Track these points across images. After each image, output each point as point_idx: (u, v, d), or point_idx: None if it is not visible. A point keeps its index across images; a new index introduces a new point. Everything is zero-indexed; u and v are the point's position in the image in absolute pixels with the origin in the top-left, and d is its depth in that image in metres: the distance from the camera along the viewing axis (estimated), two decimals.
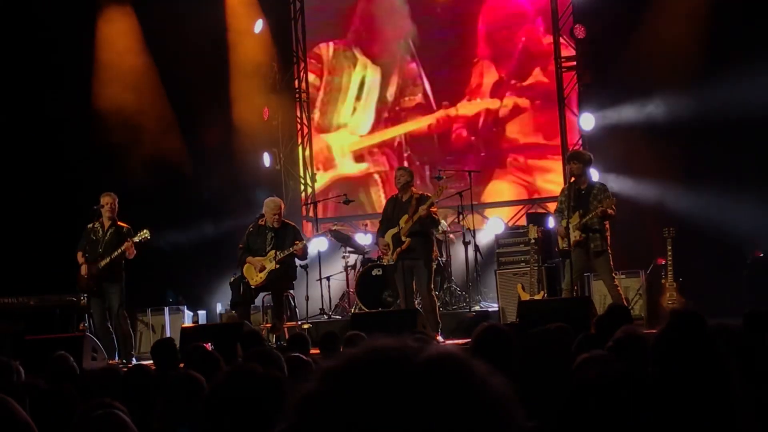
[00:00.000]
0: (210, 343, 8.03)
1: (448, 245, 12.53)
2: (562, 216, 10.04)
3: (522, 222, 13.08)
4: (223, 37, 14.44)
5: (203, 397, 2.83)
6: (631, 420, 2.66)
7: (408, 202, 10.52)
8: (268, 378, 2.61)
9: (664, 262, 10.82)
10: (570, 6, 13.39)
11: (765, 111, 11.58)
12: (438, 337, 9.97)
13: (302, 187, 15.04)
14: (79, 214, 10.99)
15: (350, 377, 1.08)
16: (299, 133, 15.08)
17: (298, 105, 15.10)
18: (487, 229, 13.12)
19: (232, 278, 11.39)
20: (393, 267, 10.61)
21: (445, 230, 12.21)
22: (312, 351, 7.36)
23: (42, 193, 12.89)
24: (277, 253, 10.63)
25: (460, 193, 12.18)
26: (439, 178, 12.90)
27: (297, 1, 15.18)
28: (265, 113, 14.73)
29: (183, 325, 11.17)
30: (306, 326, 11.34)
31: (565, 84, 13.47)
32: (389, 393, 1.05)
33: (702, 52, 11.79)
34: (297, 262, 11.06)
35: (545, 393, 3.18)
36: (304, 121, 15.11)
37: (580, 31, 12.77)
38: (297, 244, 10.65)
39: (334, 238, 13.30)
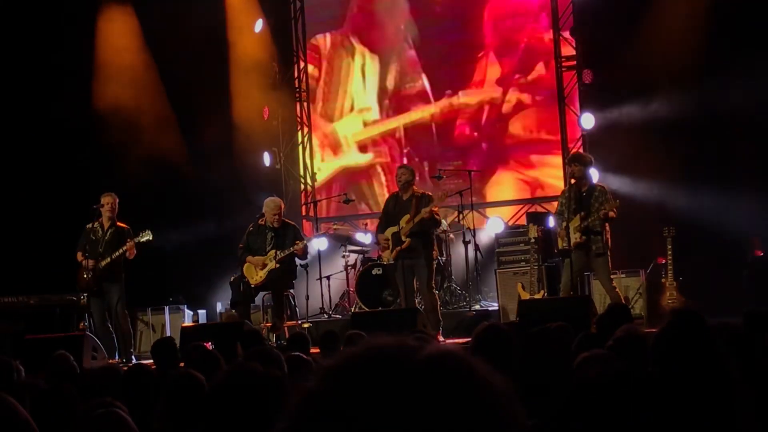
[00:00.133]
0: (210, 343, 8.04)
1: (449, 244, 12.52)
2: (563, 218, 10.04)
3: (522, 221, 13.07)
4: (223, 36, 14.43)
5: (203, 397, 2.83)
6: (632, 419, 2.66)
7: (409, 201, 10.50)
8: (269, 377, 2.61)
9: (664, 261, 10.82)
10: (570, 5, 13.38)
11: (765, 110, 11.59)
12: (438, 337, 9.96)
13: (302, 186, 15.03)
14: (80, 214, 10.99)
15: (350, 376, 1.08)
16: (299, 132, 15.07)
17: (298, 104, 15.09)
18: (488, 229, 13.11)
19: (233, 277, 11.39)
20: (393, 266, 10.60)
21: (445, 229, 12.19)
22: (312, 350, 7.36)
23: (42, 193, 12.89)
24: (278, 252, 10.63)
25: (460, 193, 12.17)
26: (439, 178, 12.89)
27: (297, 0, 15.17)
28: (266, 113, 14.72)
29: (183, 325, 11.16)
30: (306, 325, 11.34)
31: (566, 83, 13.47)
32: (389, 391, 1.05)
33: (702, 52, 11.78)
34: (297, 261, 11.06)
35: (545, 392, 3.18)
36: (305, 120, 15.10)
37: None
38: (297, 243, 10.65)
39: (334, 239, 13.31)
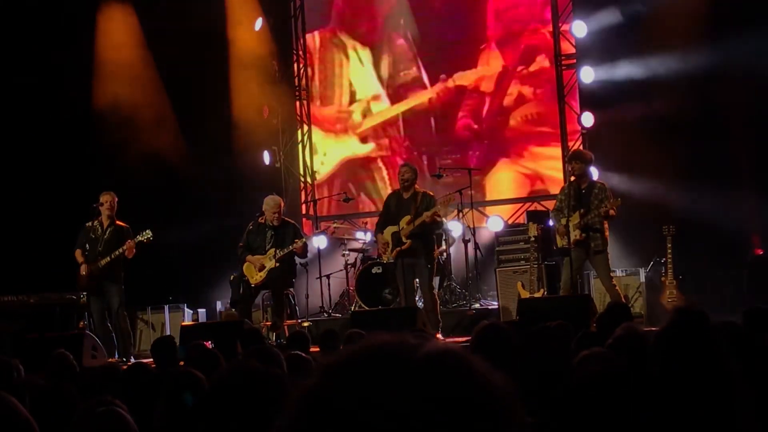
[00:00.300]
0: (210, 342, 8.04)
1: (449, 242, 12.51)
2: (561, 214, 10.04)
3: (522, 219, 13.07)
4: (223, 34, 14.43)
5: (203, 395, 2.83)
6: (631, 417, 2.66)
7: (410, 201, 10.47)
8: (268, 375, 2.61)
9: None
10: (570, 3, 13.38)
11: (765, 108, 11.59)
12: (438, 336, 9.96)
13: (302, 184, 15.02)
14: (80, 212, 10.98)
15: (349, 373, 1.08)
16: (299, 130, 15.06)
17: (297, 102, 15.08)
18: (487, 227, 13.10)
19: (232, 276, 11.38)
20: (393, 264, 10.60)
21: (445, 228, 12.17)
22: (312, 349, 7.36)
23: (42, 191, 12.88)
24: (277, 251, 10.62)
25: (460, 191, 12.17)
26: (439, 176, 12.89)
27: None
28: (265, 111, 14.72)
29: (183, 323, 11.16)
30: (306, 324, 11.34)
31: (566, 80, 13.46)
32: (388, 389, 1.04)
33: (702, 50, 11.81)
34: (297, 260, 11.06)
35: (545, 390, 3.18)
36: (304, 118, 15.10)
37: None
38: (297, 242, 10.64)
39: (334, 237, 13.31)
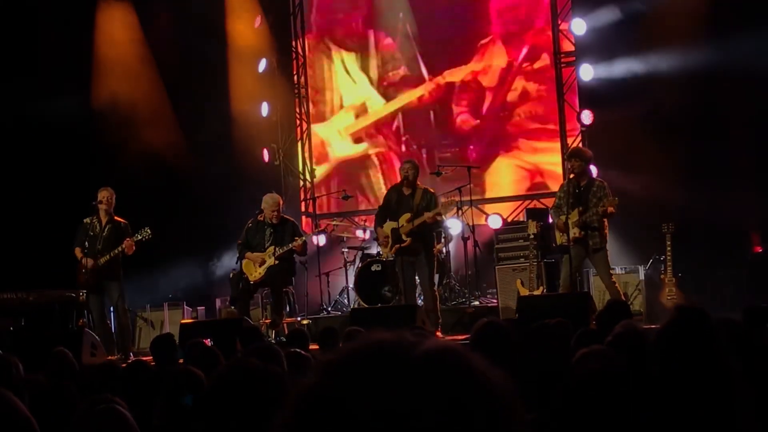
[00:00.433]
0: (209, 339, 8.05)
1: (447, 239, 12.51)
2: (561, 212, 10.05)
3: (521, 217, 13.06)
4: (222, 32, 14.42)
5: (203, 393, 2.83)
6: (631, 415, 2.67)
7: (411, 197, 10.45)
8: (268, 373, 2.60)
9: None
10: (569, 1, 13.36)
11: (765, 106, 11.59)
12: (438, 334, 9.95)
13: (301, 182, 15.02)
14: (79, 210, 10.97)
15: (348, 371, 1.08)
16: (298, 128, 15.06)
17: (297, 100, 15.07)
18: (487, 224, 13.09)
19: (232, 274, 11.38)
20: (393, 261, 10.58)
21: (444, 225, 12.17)
22: (311, 347, 7.36)
23: (41, 189, 12.88)
24: (276, 249, 10.62)
25: (459, 188, 12.17)
26: (438, 174, 12.87)
27: None
28: (264, 109, 14.72)
29: (182, 321, 11.16)
30: (305, 322, 11.34)
31: (565, 78, 13.44)
32: (388, 386, 1.04)
33: (701, 48, 11.80)
34: (296, 257, 11.05)
35: (544, 387, 3.18)
36: (303, 116, 15.09)
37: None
38: (296, 240, 10.64)
39: (333, 234, 13.32)
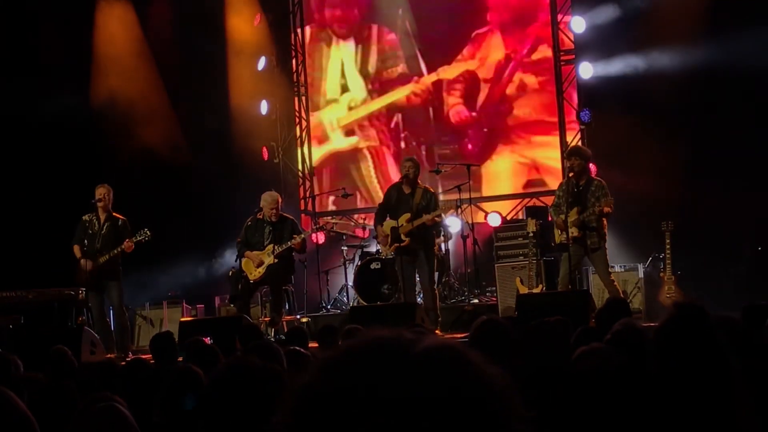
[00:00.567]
0: (209, 337, 8.04)
1: (447, 237, 12.50)
2: (560, 210, 10.05)
3: (520, 215, 13.05)
4: (221, 30, 14.41)
5: (202, 391, 2.84)
6: (630, 412, 2.67)
7: (411, 196, 10.42)
8: (267, 371, 2.61)
9: None
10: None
11: (764, 104, 11.59)
12: (437, 332, 9.95)
13: (300, 181, 15.01)
14: (78, 208, 10.96)
15: (347, 368, 1.08)
16: (297, 126, 15.05)
17: (296, 98, 15.07)
18: (487, 222, 13.09)
19: (231, 272, 11.38)
20: (392, 259, 10.57)
21: (444, 224, 12.16)
22: (310, 345, 7.36)
23: (41, 187, 12.87)
24: (276, 247, 10.61)
25: (458, 186, 12.18)
26: (437, 172, 12.87)
27: None
28: (264, 107, 14.72)
29: (181, 319, 11.16)
30: (304, 320, 11.34)
31: (564, 76, 13.43)
32: (386, 384, 1.05)
33: (701, 46, 11.81)
34: (295, 255, 11.05)
35: (543, 385, 3.18)
36: (303, 114, 15.08)
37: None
38: (295, 238, 10.63)
39: (333, 233, 13.30)
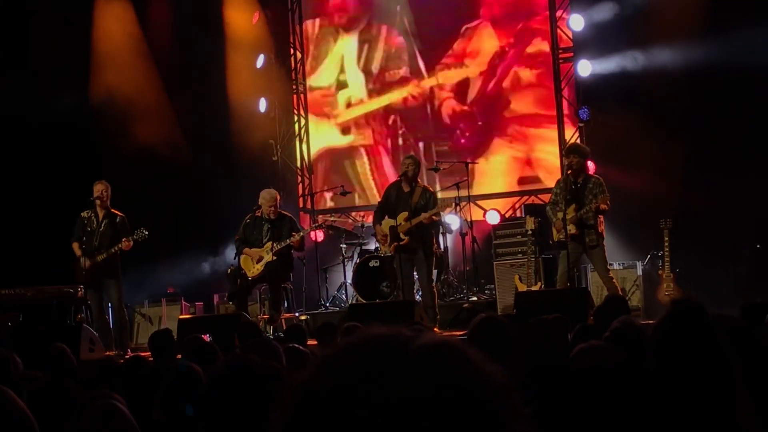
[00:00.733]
0: (208, 335, 8.05)
1: (445, 237, 12.52)
2: (557, 208, 10.06)
3: (519, 213, 13.06)
4: (220, 27, 14.41)
5: (201, 388, 2.84)
6: (628, 410, 2.67)
7: (410, 195, 10.41)
8: (266, 369, 2.61)
9: None
10: None
11: (763, 102, 11.60)
12: (435, 329, 9.95)
13: (299, 178, 15.01)
14: (77, 205, 10.95)
15: (345, 365, 1.08)
16: (296, 124, 15.05)
17: (295, 96, 15.06)
18: (486, 220, 13.09)
19: (230, 270, 11.38)
20: (391, 257, 10.57)
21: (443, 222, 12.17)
22: (309, 342, 7.36)
23: (39, 185, 12.87)
24: (274, 244, 10.61)
25: (457, 184, 12.19)
26: (435, 170, 12.87)
27: None
28: (263, 105, 14.72)
29: (180, 317, 11.16)
30: (303, 317, 11.35)
31: (563, 74, 13.42)
32: (385, 380, 1.05)
33: (700, 43, 11.82)
34: (294, 253, 11.05)
35: (542, 383, 3.18)
36: (301, 112, 15.08)
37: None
38: (294, 235, 10.63)
39: (331, 230, 13.30)
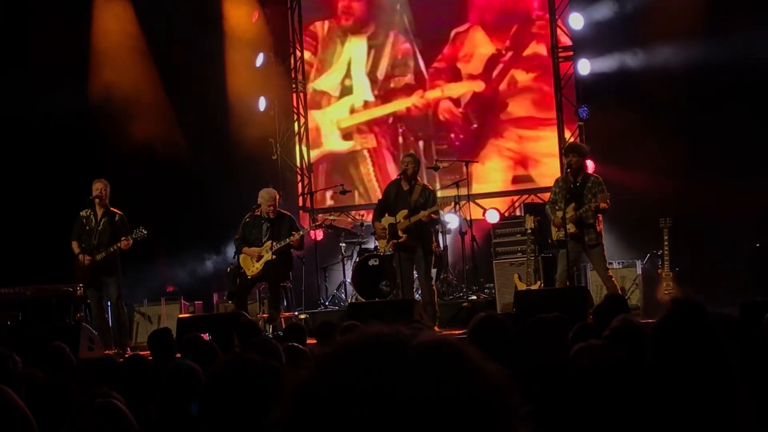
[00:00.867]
0: (207, 334, 8.05)
1: (445, 236, 12.52)
2: (556, 207, 10.05)
3: (518, 211, 13.06)
4: (219, 26, 14.40)
5: (200, 387, 2.84)
6: (628, 408, 2.67)
7: (409, 193, 10.41)
8: (266, 367, 2.61)
9: None
10: None
11: (762, 101, 11.60)
12: (435, 328, 9.95)
13: (299, 177, 15.01)
14: (76, 204, 10.95)
15: (344, 364, 1.08)
16: (296, 123, 15.04)
17: (294, 95, 15.06)
18: (485, 219, 13.09)
19: (229, 269, 11.38)
20: (391, 256, 10.57)
21: (442, 221, 12.18)
22: (309, 341, 7.36)
23: (39, 183, 12.86)
24: (274, 243, 10.61)
25: (457, 183, 12.19)
26: (435, 168, 12.88)
27: None
28: (262, 104, 14.71)
29: (180, 316, 11.16)
30: (302, 316, 11.35)
31: (562, 73, 13.42)
32: (384, 379, 1.04)
33: (700, 42, 11.82)
34: (293, 252, 11.05)
35: (541, 382, 3.18)
36: (301, 111, 15.07)
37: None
38: (294, 234, 10.63)
39: (330, 230, 13.31)
